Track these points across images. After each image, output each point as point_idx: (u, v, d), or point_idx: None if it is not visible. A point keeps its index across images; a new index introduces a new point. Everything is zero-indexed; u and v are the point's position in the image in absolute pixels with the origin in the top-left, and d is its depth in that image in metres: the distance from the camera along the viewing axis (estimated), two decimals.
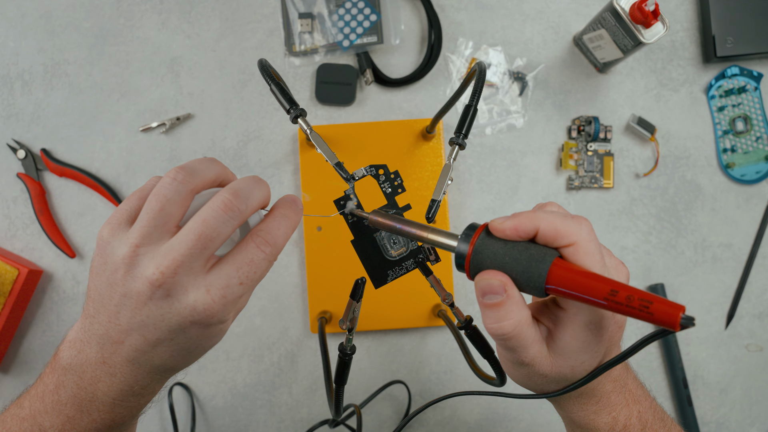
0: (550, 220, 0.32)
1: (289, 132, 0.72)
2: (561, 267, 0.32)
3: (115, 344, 0.34)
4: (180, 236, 0.32)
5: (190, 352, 0.35)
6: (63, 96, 0.72)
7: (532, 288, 0.32)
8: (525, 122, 0.72)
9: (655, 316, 0.28)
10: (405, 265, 0.69)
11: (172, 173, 0.33)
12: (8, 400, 0.71)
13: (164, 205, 0.33)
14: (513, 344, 0.34)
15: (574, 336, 0.34)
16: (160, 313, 0.32)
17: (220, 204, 0.33)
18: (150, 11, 0.73)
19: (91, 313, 0.34)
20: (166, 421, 0.71)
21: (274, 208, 0.36)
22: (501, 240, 0.33)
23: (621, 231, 0.72)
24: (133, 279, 0.32)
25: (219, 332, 0.35)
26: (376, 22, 0.71)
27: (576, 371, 0.35)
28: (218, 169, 0.36)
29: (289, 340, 0.72)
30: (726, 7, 0.70)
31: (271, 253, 0.34)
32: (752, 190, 0.72)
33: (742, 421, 0.72)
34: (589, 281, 0.30)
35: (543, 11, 0.73)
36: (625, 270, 0.36)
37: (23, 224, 0.72)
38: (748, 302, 0.72)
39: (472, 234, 0.34)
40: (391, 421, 0.72)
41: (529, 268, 0.32)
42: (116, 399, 0.35)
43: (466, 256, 0.34)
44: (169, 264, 0.31)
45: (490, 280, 0.33)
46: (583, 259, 0.32)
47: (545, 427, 0.72)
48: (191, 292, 0.32)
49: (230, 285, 0.33)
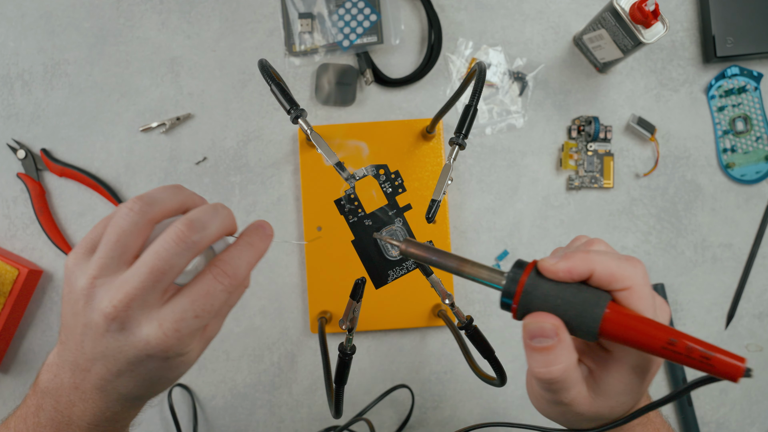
0: (606, 263, 0.31)
1: (289, 132, 0.72)
2: (616, 313, 0.31)
3: (83, 371, 0.34)
4: (133, 269, 0.32)
5: (154, 383, 0.35)
6: (63, 96, 0.72)
7: (583, 332, 0.31)
8: (525, 122, 0.72)
9: (716, 368, 0.28)
10: (405, 265, 0.69)
11: (130, 203, 0.33)
12: (9, 401, 0.70)
13: (119, 236, 0.32)
14: (556, 387, 0.33)
15: (620, 379, 0.33)
16: (116, 346, 0.32)
17: (173, 236, 0.32)
18: (150, 11, 0.73)
19: (63, 339, 0.35)
20: (167, 422, 0.71)
21: (241, 236, 0.35)
22: (551, 281, 0.32)
23: (621, 231, 0.72)
24: (91, 310, 0.32)
25: (181, 364, 0.35)
26: (376, 22, 0.71)
27: (615, 411, 0.35)
28: (181, 197, 0.35)
29: (289, 340, 0.72)
30: (726, 7, 0.70)
31: (230, 284, 0.33)
32: (752, 190, 0.72)
33: (742, 421, 0.72)
34: (647, 329, 0.30)
35: (543, 11, 0.73)
36: (668, 309, 0.35)
37: (23, 224, 0.72)
38: (748, 302, 0.72)
39: (521, 272, 0.32)
40: (391, 421, 0.72)
41: (583, 312, 0.31)
42: (91, 423, 0.35)
43: (514, 295, 0.32)
44: (121, 298, 0.31)
45: (542, 324, 0.31)
46: (637, 303, 0.31)
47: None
48: (144, 326, 0.32)
49: (184, 318, 0.32)
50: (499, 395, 0.72)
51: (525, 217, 0.72)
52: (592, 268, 0.31)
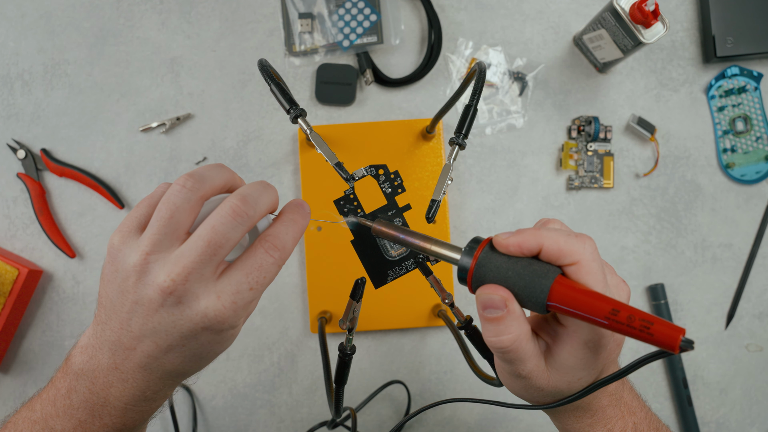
0: (554, 238, 0.32)
1: (289, 132, 0.72)
2: (563, 285, 0.32)
3: (127, 350, 0.34)
4: (190, 243, 0.32)
5: (202, 357, 0.36)
6: (63, 96, 0.72)
7: (533, 304, 0.33)
8: (525, 122, 0.72)
9: (655, 337, 0.28)
10: (405, 265, 0.69)
11: (182, 180, 0.34)
12: (9, 401, 0.70)
13: (174, 212, 0.33)
14: (511, 357, 0.34)
15: (573, 353, 0.34)
16: (171, 320, 0.33)
17: (229, 210, 0.33)
18: (150, 11, 0.73)
19: (103, 319, 0.35)
20: (166, 422, 0.71)
21: (282, 213, 0.37)
22: (504, 255, 0.33)
23: (621, 231, 0.72)
24: (145, 286, 0.32)
25: (230, 337, 0.36)
26: (376, 22, 0.71)
27: (572, 386, 0.35)
28: (227, 175, 0.36)
29: (289, 340, 0.72)
30: (726, 7, 0.70)
31: (280, 258, 0.35)
32: (752, 190, 0.72)
33: (742, 421, 0.72)
34: (591, 300, 0.30)
35: (543, 11, 0.73)
36: (627, 288, 0.36)
37: (23, 224, 0.72)
38: (748, 302, 0.72)
39: (476, 247, 0.34)
40: (391, 420, 0.72)
41: (531, 284, 0.32)
42: (128, 404, 0.36)
43: (468, 269, 0.34)
44: (179, 271, 0.32)
45: (491, 295, 0.33)
46: (586, 277, 0.32)
47: (545, 427, 0.72)
48: (202, 299, 0.33)
49: (240, 291, 0.33)
50: (499, 395, 0.72)
51: (525, 217, 0.72)
52: (540, 243, 0.33)
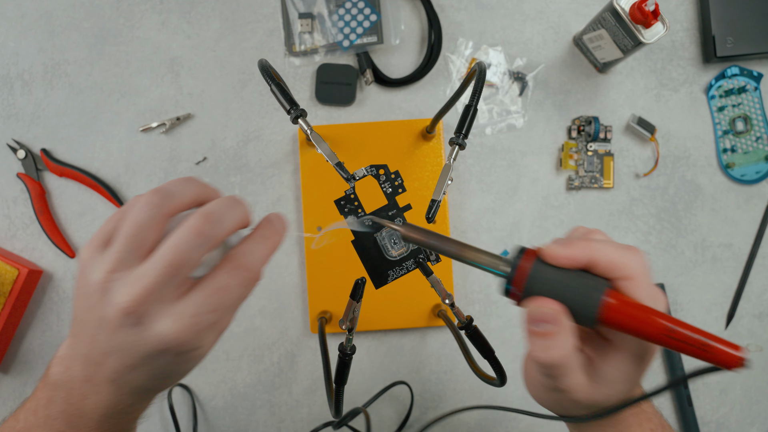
0: (606, 251, 0.32)
1: (289, 132, 0.72)
2: (617, 300, 0.31)
3: (96, 365, 0.34)
4: (150, 263, 0.31)
5: (167, 376, 0.35)
6: (63, 96, 0.72)
7: (583, 319, 0.32)
8: (525, 122, 0.72)
9: (715, 356, 0.28)
10: (405, 265, 0.69)
11: (146, 197, 0.33)
12: (9, 401, 0.70)
13: (137, 230, 0.32)
14: (556, 372, 0.33)
15: (619, 367, 0.34)
16: (131, 340, 0.32)
17: (191, 230, 0.32)
18: (150, 11, 0.73)
19: (76, 332, 0.34)
20: (166, 422, 0.71)
21: (255, 229, 0.35)
22: (553, 267, 0.32)
23: (621, 231, 0.72)
24: (107, 305, 0.32)
25: (195, 357, 0.34)
26: (376, 22, 0.71)
27: (611, 399, 0.35)
28: (197, 189, 0.35)
29: (289, 340, 0.72)
30: (726, 7, 0.70)
31: (246, 279, 0.33)
32: (752, 190, 0.72)
33: (742, 421, 0.72)
34: (647, 317, 0.30)
35: (543, 11, 0.73)
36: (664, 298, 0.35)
37: (23, 224, 0.72)
38: (748, 302, 0.72)
39: (522, 257, 0.33)
40: (391, 421, 0.72)
41: (582, 298, 0.31)
42: (103, 416, 0.35)
43: (519, 281, 0.32)
44: (139, 292, 0.31)
45: (542, 309, 0.32)
46: (637, 292, 0.31)
47: (545, 427, 0.72)
48: (160, 321, 0.31)
49: (200, 313, 0.32)
50: (499, 395, 0.72)
51: (525, 217, 0.72)
52: (592, 256, 0.32)
